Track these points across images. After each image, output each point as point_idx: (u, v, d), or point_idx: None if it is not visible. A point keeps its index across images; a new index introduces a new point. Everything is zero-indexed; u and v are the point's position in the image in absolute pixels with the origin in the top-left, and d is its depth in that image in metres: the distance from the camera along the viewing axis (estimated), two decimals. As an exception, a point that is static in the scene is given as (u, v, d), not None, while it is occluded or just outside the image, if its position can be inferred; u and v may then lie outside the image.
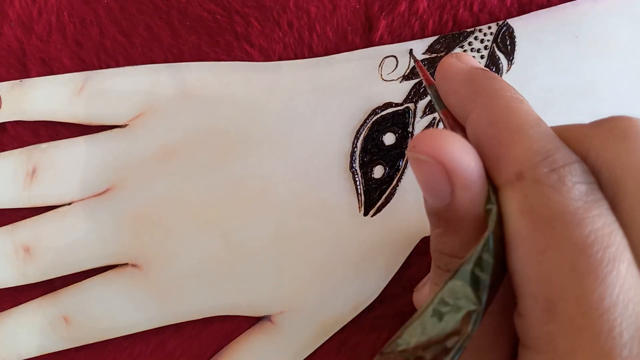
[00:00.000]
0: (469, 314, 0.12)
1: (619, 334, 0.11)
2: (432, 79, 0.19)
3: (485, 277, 0.13)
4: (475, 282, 0.13)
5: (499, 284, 0.13)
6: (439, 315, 0.13)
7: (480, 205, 0.14)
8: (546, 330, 0.12)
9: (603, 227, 0.12)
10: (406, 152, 0.13)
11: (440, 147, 0.13)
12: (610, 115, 0.14)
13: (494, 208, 0.13)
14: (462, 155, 0.13)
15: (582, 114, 0.23)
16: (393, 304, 0.23)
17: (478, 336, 0.14)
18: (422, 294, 0.22)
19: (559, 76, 0.24)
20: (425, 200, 0.15)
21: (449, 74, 0.16)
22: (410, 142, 0.13)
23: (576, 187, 0.13)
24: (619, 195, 0.13)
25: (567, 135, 0.14)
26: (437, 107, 0.17)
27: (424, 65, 0.24)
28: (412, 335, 0.13)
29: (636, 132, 0.13)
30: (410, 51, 0.24)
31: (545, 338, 0.12)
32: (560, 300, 0.12)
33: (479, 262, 0.13)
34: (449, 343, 0.12)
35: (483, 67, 0.17)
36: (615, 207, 0.13)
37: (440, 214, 0.14)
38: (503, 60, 0.24)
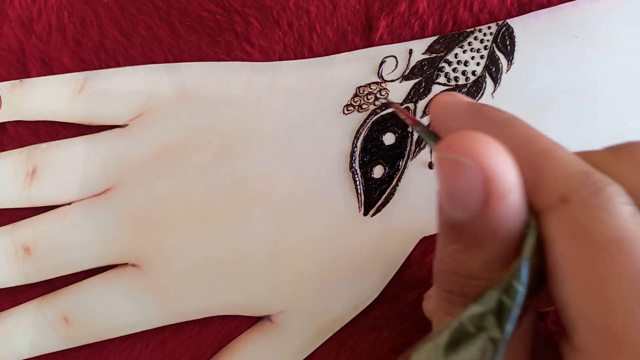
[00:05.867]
0: (491, 345, 0.12)
1: None
2: (415, 118, 0.19)
3: (512, 307, 0.12)
4: (500, 311, 0.12)
5: (523, 316, 0.12)
6: (456, 342, 0.12)
7: (515, 220, 0.12)
8: None
9: None
10: (437, 151, 0.12)
11: (483, 150, 0.12)
12: (627, 142, 0.14)
13: (532, 233, 0.12)
14: (504, 162, 0.12)
15: (582, 114, 0.23)
16: (393, 304, 0.23)
17: None
18: (433, 302, 0.21)
19: (559, 76, 0.24)
20: (443, 211, 0.13)
21: (450, 108, 0.16)
22: (443, 142, 0.12)
23: (624, 208, 0.12)
24: None
25: (588, 161, 0.13)
26: (431, 143, 0.16)
27: (424, 65, 0.24)
28: (422, 358, 0.12)
29: None
30: (388, 101, 0.23)
31: None
32: (626, 332, 0.11)
33: (508, 290, 0.12)
34: None
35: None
36: None
37: (464, 228, 0.13)
38: (503, 60, 0.24)
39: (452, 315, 0.13)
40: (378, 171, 0.23)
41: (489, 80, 0.24)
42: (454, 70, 0.24)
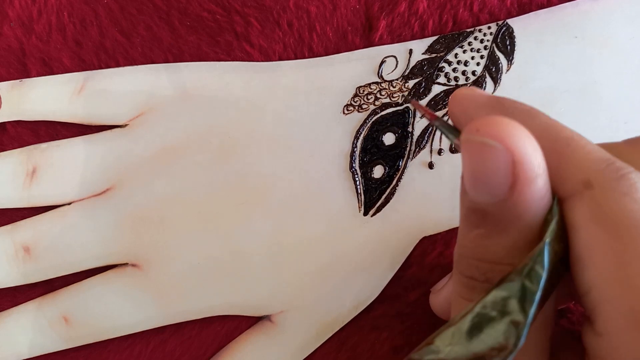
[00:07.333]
0: (514, 328, 0.12)
1: None
2: (434, 113, 0.19)
3: (534, 290, 0.12)
4: (523, 295, 0.12)
5: (544, 301, 0.12)
6: (479, 327, 0.12)
7: (540, 205, 0.12)
8: (638, 349, 0.11)
9: None
10: (463, 135, 0.12)
11: (511, 134, 0.12)
12: None
13: (555, 218, 0.12)
14: (532, 145, 0.12)
15: (582, 114, 0.23)
16: (393, 304, 0.23)
17: (518, 354, 0.13)
18: (441, 296, 0.21)
19: (559, 76, 0.24)
20: (466, 196, 0.13)
21: (471, 101, 0.16)
22: (471, 125, 0.12)
23: None
24: None
25: (608, 152, 0.13)
26: (451, 137, 0.16)
27: (424, 65, 0.24)
28: (444, 343, 0.12)
29: None
30: (411, 100, 0.23)
31: (636, 358, 0.12)
32: None
33: (530, 274, 0.12)
34: (489, 358, 0.12)
35: None
36: None
37: (488, 212, 0.13)
38: (503, 60, 0.24)
39: (472, 301, 0.13)
40: (378, 171, 0.23)
41: (489, 80, 0.24)
42: (454, 70, 0.24)
